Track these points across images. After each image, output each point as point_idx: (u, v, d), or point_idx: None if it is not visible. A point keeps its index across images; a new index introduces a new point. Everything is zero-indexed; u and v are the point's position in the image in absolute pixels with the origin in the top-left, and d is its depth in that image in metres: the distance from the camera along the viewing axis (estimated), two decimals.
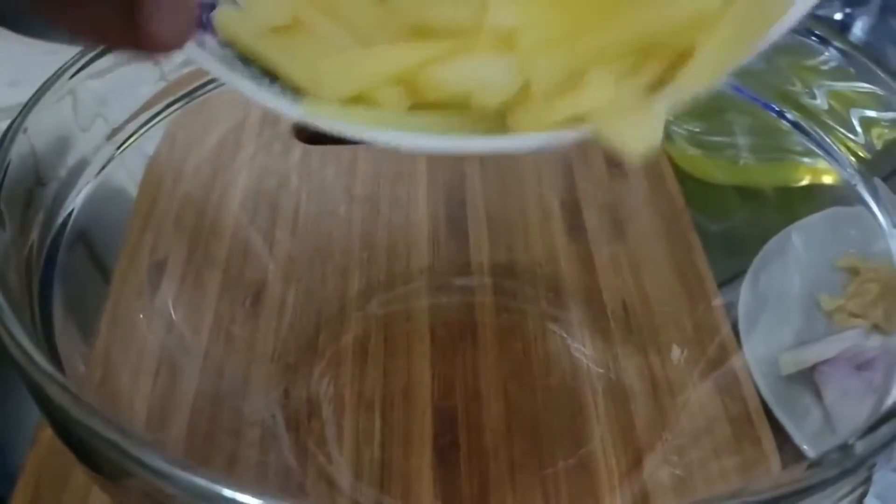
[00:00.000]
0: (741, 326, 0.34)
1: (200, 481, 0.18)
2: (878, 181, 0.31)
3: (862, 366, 0.32)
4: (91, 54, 0.33)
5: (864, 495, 0.22)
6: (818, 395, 0.33)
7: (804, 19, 0.34)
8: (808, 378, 0.33)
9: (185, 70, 0.37)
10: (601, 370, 0.35)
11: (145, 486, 0.19)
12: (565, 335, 0.37)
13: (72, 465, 0.31)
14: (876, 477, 0.23)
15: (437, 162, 0.43)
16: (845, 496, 0.21)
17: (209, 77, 0.38)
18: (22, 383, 0.22)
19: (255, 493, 0.18)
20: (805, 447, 0.30)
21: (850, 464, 0.20)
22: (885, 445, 0.20)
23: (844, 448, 0.20)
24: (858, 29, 0.59)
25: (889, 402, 0.24)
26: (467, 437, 0.32)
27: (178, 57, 0.37)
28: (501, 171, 0.43)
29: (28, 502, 0.30)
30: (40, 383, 0.20)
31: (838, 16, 0.59)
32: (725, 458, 0.28)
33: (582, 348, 0.36)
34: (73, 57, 0.32)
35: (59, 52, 0.56)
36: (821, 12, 0.59)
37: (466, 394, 0.34)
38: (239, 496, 0.18)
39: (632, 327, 0.37)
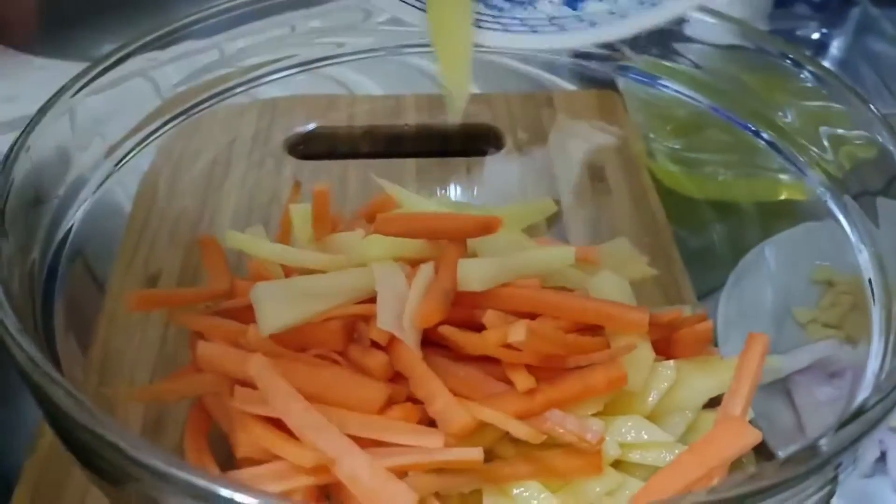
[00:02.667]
0: (719, 337, 0.35)
1: (200, 482, 0.19)
2: (847, 198, 0.33)
3: (834, 375, 0.33)
4: (90, 74, 0.34)
5: (830, 495, 0.23)
6: (792, 402, 0.34)
7: (780, 42, 0.36)
8: (782, 386, 0.34)
9: (181, 89, 0.38)
10: None
11: (146, 487, 0.20)
12: None
13: (68, 473, 0.32)
14: (846, 485, 0.24)
15: (425, 174, 0.44)
16: (813, 494, 0.22)
17: (204, 95, 0.39)
18: (19, 390, 0.23)
19: (254, 493, 0.19)
20: (780, 453, 0.31)
21: (817, 462, 0.21)
22: (850, 445, 0.21)
23: (811, 447, 0.21)
24: (835, 48, 0.60)
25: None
26: None
27: (174, 77, 0.38)
28: (487, 187, 0.44)
29: None
30: (45, 388, 0.21)
31: (816, 35, 0.60)
32: None
33: None
34: (74, 77, 0.33)
35: (55, 68, 0.57)
36: (799, 32, 0.61)
37: None
38: (237, 496, 0.18)
39: None
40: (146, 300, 0.34)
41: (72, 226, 0.32)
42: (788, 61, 0.36)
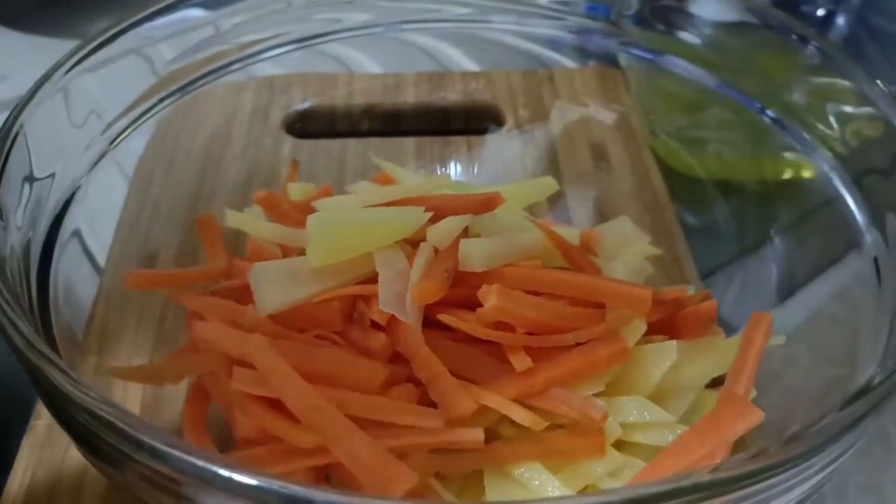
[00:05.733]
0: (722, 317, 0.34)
1: (198, 462, 0.19)
2: (853, 176, 0.32)
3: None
4: (84, 51, 0.33)
5: (833, 476, 0.23)
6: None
7: (785, 17, 0.36)
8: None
9: (176, 66, 0.38)
10: None
11: (144, 468, 0.20)
12: None
13: (67, 452, 0.32)
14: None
15: (425, 153, 0.44)
16: (816, 474, 0.22)
17: (200, 72, 0.39)
18: (14, 372, 0.23)
19: (253, 474, 0.18)
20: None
21: (821, 441, 0.21)
22: (854, 424, 0.21)
23: (815, 427, 0.21)
24: (840, 25, 0.60)
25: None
26: None
27: (168, 54, 0.38)
28: (488, 165, 0.43)
29: (24, 489, 0.31)
30: (42, 369, 0.21)
31: (821, 12, 0.60)
32: None
33: None
34: (67, 53, 0.32)
35: (48, 47, 0.56)
36: (804, 8, 0.60)
37: None
38: (237, 477, 0.18)
39: None
40: (143, 280, 0.34)
41: (67, 205, 0.31)
42: (794, 37, 0.35)
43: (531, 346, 0.28)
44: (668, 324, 0.31)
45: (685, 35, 0.38)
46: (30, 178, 0.29)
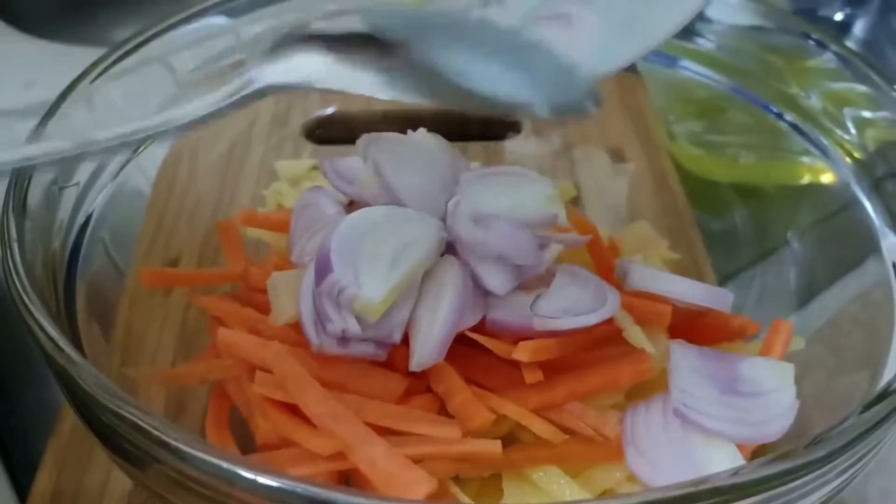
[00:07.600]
0: None
1: (224, 464, 0.19)
2: (871, 181, 0.32)
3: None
4: (109, 59, 0.34)
5: (853, 478, 0.23)
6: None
7: (802, 22, 0.35)
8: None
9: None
10: None
11: (169, 469, 0.20)
12: None
13: (91, 454, 0.32)
14: None
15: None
16: (836, 478, 0.22)
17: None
18: (41, 375, 0.23)
19: (276, 476, 0.19)
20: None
21: (841, 445, 0.21)
22: (874, 427, 0.21)
23: (835, 430, 0.21)
24: (859, 29, 0.59)
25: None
26: None
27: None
28: None
29: (50, 490, 0.31)
30: (69, 371, 0.21)
31: (839, 16, 0.59)
32: None
33: None
34: (93, 63, 0.33)
35: (72, 54, 0.57)
36: (822, 13, 0.60)
37: None
38: (261, 478, 0.19)
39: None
40: (160, 278, 0.34)
41: (93, 211, 0.32)
42: (811, 42, 0.35)
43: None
44: (688, 328, 0.31)
45: (702, 40, 0.38)
46: (57, 184, 0.30)
